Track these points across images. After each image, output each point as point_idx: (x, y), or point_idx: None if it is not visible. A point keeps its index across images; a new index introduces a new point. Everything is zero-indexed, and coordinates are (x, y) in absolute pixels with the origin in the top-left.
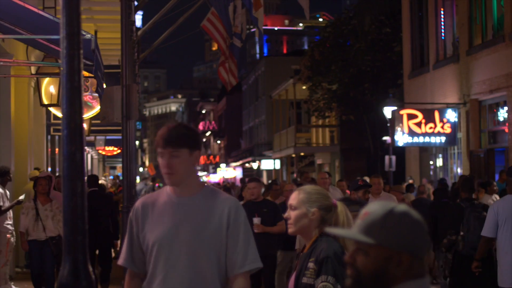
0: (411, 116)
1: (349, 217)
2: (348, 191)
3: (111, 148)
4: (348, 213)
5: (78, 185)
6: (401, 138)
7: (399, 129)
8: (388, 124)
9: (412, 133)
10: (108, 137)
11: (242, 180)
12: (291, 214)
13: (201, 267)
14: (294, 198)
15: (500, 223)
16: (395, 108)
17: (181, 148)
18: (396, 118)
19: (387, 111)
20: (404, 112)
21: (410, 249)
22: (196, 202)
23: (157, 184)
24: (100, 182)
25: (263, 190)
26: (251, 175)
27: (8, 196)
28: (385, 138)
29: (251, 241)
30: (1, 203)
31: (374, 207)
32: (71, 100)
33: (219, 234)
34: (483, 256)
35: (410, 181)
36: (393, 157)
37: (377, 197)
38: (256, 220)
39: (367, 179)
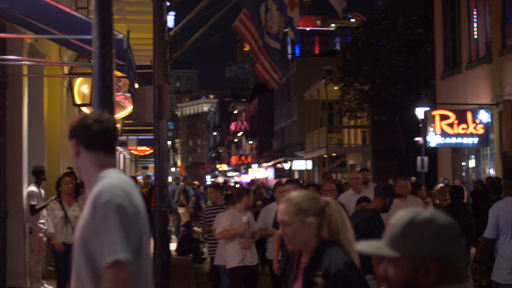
0: (443, 117)
1: (342, 215)
2: None
3: (143, 148)
4: (342, 210)
5: None
6: (433, 139)
7: (431, 129)
8: (420, 125)
9: (444, 134)
10: (140, 137)
11: (278, 182)
12: (286, 230)
13: None
14: (284, 212)
15: (501, 225)
16: (428, 108)
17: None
18: (429, 119)
19: (419, 112)
20: (437, 112)
21: (437, 256)
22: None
23: (189, 184)
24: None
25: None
26: (282, 176)
27: (43, 196)
28: (417, 139)
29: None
30: (35, 203)
31: (398, 217)
32: (103, 99)
33: None
34: (483, 257)
35: (445, 181)
36: (425, 158)
37: (404, 200)
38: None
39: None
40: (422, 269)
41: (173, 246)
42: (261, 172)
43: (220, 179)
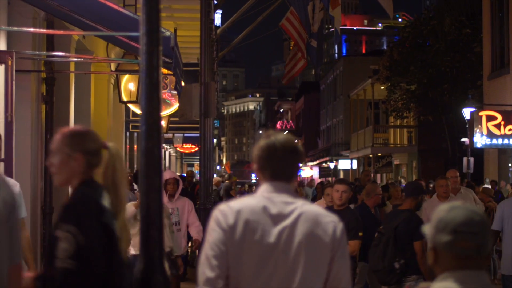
0: (490, 118)
1: (122, 164)
2: None
3: (189, 145)
4: (122, 159)
5: (156, 181)
6: (480, 139)
7: (477, 130)
8: (467, 126)
9: (491, 135)
10: (186, 135)
11: (324, 182)
12: (52, 160)
13: None
14: (54, 141)
15: (505, 220)
16: (474, 109)
17: None
18: (475, 120)
19: (466, 112)
20: (483, 113)
21: None
22: None
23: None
24: None
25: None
26: (328, 175)
27: None
28: (463, 139)
29: None
30: None
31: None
32: (150, 96)
33: None
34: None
35: (492, 183)
36: (471, 159)
37: (444, 200)
38: None
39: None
40: None
41: None
42: (306, 171)
43: None
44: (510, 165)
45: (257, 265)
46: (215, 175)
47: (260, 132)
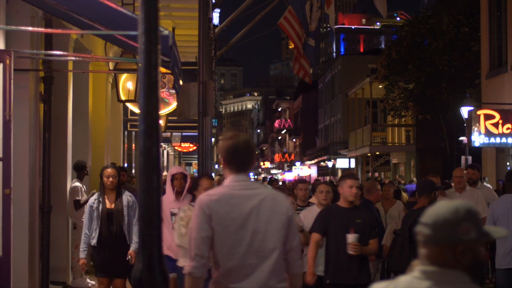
0: (488, 117)
1: None
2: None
3: (187, 144)
4: None
5: (154, 179)
6: (478, 138)
7: (475, 129)
8: (465, 124)
9: (489, 134)
10: (184, 134)
11: (337, 180)
12: None
13: None
14: None
15: (496, 219)
16: (472, 108)
17: None
18: (473, 118)
19: (464, 111)
20: (481, 112)
21: None
22: None
23: None
24: None
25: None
26: (326, 174)
27: (85, 190)
28: (461, 138)
29: None
30: (80, 197)
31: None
32: (148, 95)
33: None
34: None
35: (486, 179)
36: (469, 158)
37: (461, 191)
38: (353, 238)
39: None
40: None
41: None
42: (305, 170)
43: (263, 176)
44: (508, 164)
45: (236, 235)
46: (213, 174)
47: (258, 130)
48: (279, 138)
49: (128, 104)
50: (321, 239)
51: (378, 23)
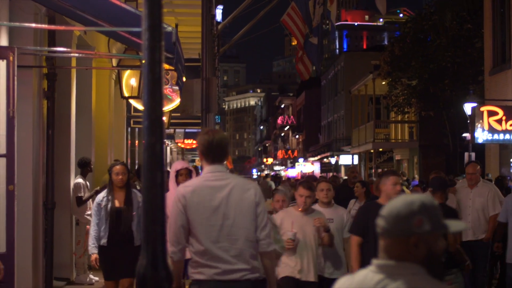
0: (491, 113)
1: None
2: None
3: (190, 141)
4: None
5: (158, 176)
6: (481, 135)
7: (479, 125)
8: (468, 121)
9: (492, 130)
10: (187, 130)
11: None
12: None
13: None
14: None
15: (509, 213)
16: (476, 104)
17: None
18: (476, 115)
19: (467, 108)
20: (485, 108)
21: None
22: None
23: None
24: None
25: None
26: (329, 170)
27: (89, 187)
28: (464, 134)
29: None
30: (82, 194)
31: None
32: (152, 91)
33: None
34: (500, 238)
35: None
36: (473, 154)
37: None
38: None
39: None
40: None
41: None
42: (307, 167)
43: (267, 172)
44: (511, 160)
45: (209, 221)
46: None
47: (261, 127)
48: (282, 134)
49: (131, 101)
50: (362, 241)
51: (381, 20)
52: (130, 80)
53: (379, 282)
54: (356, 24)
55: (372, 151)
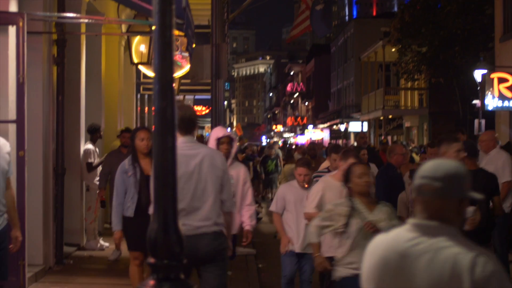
0: (502, 80)
1: None
2: None
3: (199, 107)
4: None
5: (169, 140)
6: (491, 102)
7: (489, 93)
8: (478, 88)
9: (502, 97)
10: (196, 97)
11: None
12: None
13: None
14: None
15: None
16: (486, 71)
17: None
18: (487, 82)
19: (478, 75)
20: (495, 75)
21: None
22: None
23: (245, 144)
24: None
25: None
26: (338, 137)
27: (98, 153)
28: (474, 101)
29: None
30: (92, 160)
31: None
32: (163, 55)
33: None
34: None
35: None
36: (483, 121)
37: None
38: (471, 212)
39: None
40: None
41: None
42: (317, 134)
43: (275, 140)
44: None
45: (184, 184)
46: None
47: (271, 94)
48: (292, 101)
49: (140, 67)
50: None
51: None
52: (140, 46)
53: (412, 239)
54: None
55: (381, 118)
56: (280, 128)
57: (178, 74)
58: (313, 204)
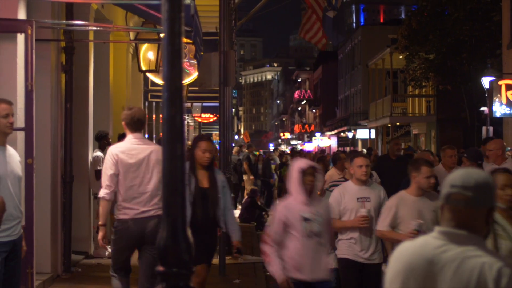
0: (509, 87)
1: None
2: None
3: (207, 115)
4: None
5: (178, 148)
6: (499, 108)
7: (497, 99)
8: (486, 95)
9: (510, 104)
10: (204, 104)
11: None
12: None
13: None
14: None
15: None
16: (494, 78)
17: None
18: (494, 89)
19: (485, 82)
20: (503, 82)
21: None
22: None
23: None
24: None
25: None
26: (346, 145)
27: None
28: (482, 108)
29: None
30: (101, 167)
31: None
32: (172, 63)
33: None
34: None
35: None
36: (491, 128)
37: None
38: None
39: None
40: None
41: (236, 213)
42: (324, 141)
43: (283, 147)
44: None
45: (133, 174)
46: (233, 144)
47: (278, 101)
48: (299, 108)
49: (148, 75)
50: None
51: None
52: (148, 53)
53: (440, 246)
54: None
55: (389, 125)
56: (287, 135)
57: (186, 81)
58: (386, 222)
